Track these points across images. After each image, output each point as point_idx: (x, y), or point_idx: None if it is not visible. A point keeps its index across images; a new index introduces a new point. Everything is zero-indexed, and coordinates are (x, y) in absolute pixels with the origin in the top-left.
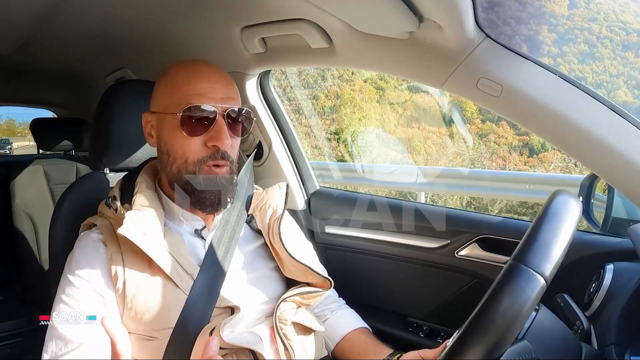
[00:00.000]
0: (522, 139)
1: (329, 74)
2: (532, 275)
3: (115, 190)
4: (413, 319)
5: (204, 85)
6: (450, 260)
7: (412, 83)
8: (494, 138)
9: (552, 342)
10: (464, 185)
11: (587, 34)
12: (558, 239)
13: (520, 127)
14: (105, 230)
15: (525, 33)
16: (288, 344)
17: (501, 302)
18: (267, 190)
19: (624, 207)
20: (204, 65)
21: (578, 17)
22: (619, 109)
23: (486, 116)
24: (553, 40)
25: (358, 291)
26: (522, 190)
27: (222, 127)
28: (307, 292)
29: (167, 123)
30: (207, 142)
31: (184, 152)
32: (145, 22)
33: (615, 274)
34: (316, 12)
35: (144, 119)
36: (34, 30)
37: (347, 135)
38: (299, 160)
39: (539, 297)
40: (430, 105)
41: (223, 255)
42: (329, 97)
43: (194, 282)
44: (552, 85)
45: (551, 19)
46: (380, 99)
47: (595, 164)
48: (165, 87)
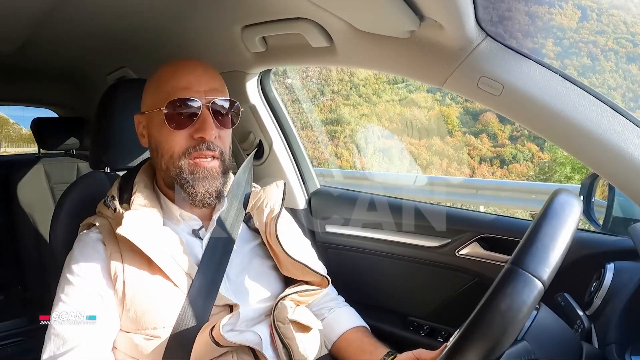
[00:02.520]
0: (497, 151)
1: (328, 89)
2: (529, 279)
3: (113, 190)
4: (414, 318)
5: (188, 79)
6: (451, 259)
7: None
8: (467, 150)
9: (552, 341)
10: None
11: (591, 47)
12: (557, 242)
13: (499, 140)
14: (104, 230)
15: (529, 46)
16: (287, 342)
17: (498, 305)
18: (265, 188)
19: (624, 206)
20: (189, 61)
21: (586, 30)
22: (620, 108)
23: (470, 129)
24: (557, 54)
25: (359, 290)
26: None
27: (206, 118)
28: (305, 290)
29: (155, 120)
30: (194, 134)
31: (170, 146)
32: (146, 21)
33: (616, 273)
34: (317, 11)
35: (135, 120)
36: (35, 29)
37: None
38: (299, 160)
39: (536, 301)
40: (414, 118)
41: (221, 254)
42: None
43: (192, 282)
44: (553, 84)
45: (558, 32)
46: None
47: (596, 163)
48: (152, 86)
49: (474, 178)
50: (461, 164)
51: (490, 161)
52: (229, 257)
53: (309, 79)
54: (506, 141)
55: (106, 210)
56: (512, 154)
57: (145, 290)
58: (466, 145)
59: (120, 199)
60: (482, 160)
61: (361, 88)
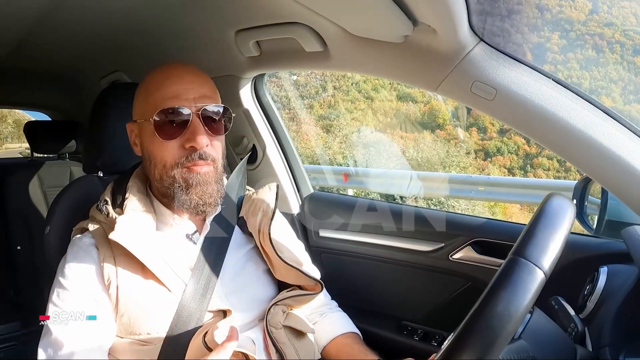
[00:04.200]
0: (483, 144)
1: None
2: (532, 268)
3: (106, 194)
4: (407, 322)
5: (176, 87)
6: (445, 263)
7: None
8: (455, 143)
9: (546, 344)
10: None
11: (597, 40)
12: (556, 235)
13: (488, 133)
14: (97, 235)
15: (534, 41)
16: (280, 347)
17: (502, 295)
18: (258, 191)
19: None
20: (178, 67)
21: (594, 23)
22: (614, 112)
23: (460, 123)
24: (561, 47)
25: (352, 294)
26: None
27: (197, 127)
28: (298, 294)
29: (145, 130)
30: (185, 144)
31: (162, 157)
32: (140, 25)
33: (609, 276)
34: (311, 16)
35: (128, 128)
36: (28, 32)
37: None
38: (292, 164)
39: (538, 290)
40: (407, 113)
41: (214, 259)
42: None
43: (185, 286)
44: (546, 89)
45: (566, 25)
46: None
47: (589, 167)
48: (141, 94)
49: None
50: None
51: (475, 153)
52: (223, 262)
53: (313, 75)
54: (494, 134)
55: (99, 214)
56: (496, 146)
57: (139, 295)
58: (454, 138)
59: (113, 203)
60: (467, 152)
61: (361, 84)
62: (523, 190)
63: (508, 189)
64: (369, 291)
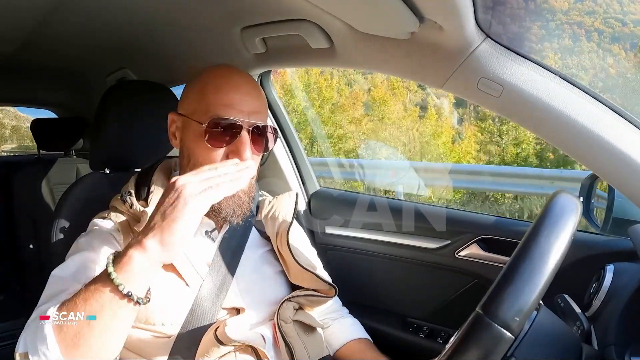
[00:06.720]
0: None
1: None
2: (498, 331)
3: (130, 185)
4: (413, 320)
5: (233, 96)
6: (451, 260)
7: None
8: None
9: (552, 341)
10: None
11: (576, 28)
12: (535, 280)
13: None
14: (119, 223)
15: (515, 31)
16: (289, 341)
17: (465, 355)
18: (277, 198)
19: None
20: (237, 74)
21: (575, 12)
22: (620, 109)
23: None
24: (539, 37)
25: (358, 291)
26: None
27: (245, 142)
28: (312, 295)
29: (192, 129)
30: (229, 154)
31: (203, 160)
32: (146, 22)
33: (616, 274)
34: (317, 13)
35: (169, 118)
36: (35, 29)
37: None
38: (299, 161)
39: (503, 351)
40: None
41: (231, 257)
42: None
43: (202, 282)
44: (552, 86)
45: (547, 15)
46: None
47: (596, 164)
48: (195, 92)
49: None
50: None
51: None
52: (239, 260)
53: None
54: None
55: (122, 205)
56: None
57: (157, 287)
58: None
59: (137, 195)
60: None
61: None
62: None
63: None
64: (375, 288)
